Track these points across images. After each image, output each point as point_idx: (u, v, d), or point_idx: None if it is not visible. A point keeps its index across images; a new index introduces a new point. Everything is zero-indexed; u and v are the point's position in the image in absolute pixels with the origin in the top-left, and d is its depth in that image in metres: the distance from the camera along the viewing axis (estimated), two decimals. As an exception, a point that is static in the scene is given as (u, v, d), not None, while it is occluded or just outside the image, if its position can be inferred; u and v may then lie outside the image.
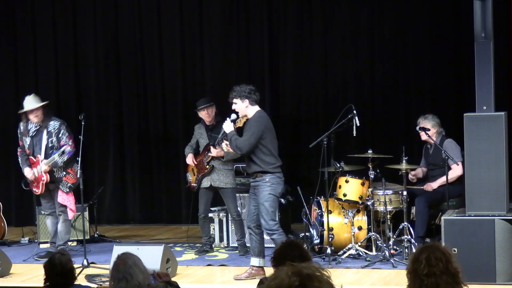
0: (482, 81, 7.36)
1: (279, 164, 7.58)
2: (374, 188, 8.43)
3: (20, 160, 8.88)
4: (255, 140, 7.44)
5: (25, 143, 8.78)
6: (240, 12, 10.81)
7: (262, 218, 7.50)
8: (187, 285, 7.43)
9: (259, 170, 7.50)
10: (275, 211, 7.56)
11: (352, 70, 10.48)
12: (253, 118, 7.55)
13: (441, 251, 3.55)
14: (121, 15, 11.24)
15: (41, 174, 8.66)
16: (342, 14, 10.46)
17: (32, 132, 8.71)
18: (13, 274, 8.12)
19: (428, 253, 3.53)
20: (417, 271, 3.51)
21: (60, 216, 8.79)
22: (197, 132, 9.09)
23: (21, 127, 8.82)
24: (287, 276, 2.56)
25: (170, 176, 11.16)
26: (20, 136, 8.84)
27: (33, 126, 8.70)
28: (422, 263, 3.51)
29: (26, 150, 8.79)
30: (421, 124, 8.73)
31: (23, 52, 11.48)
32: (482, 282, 6.99)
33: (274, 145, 7.59)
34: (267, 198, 7.46)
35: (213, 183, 8.86)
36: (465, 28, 9.16)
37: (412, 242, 8.07)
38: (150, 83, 11.22)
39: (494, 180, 7.25)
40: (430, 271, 3.48)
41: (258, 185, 7.55)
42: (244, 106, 7.55)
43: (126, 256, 4.59)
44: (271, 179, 7.48)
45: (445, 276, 3.48)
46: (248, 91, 7.52)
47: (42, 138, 8.68)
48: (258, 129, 7.45)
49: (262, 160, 7.47)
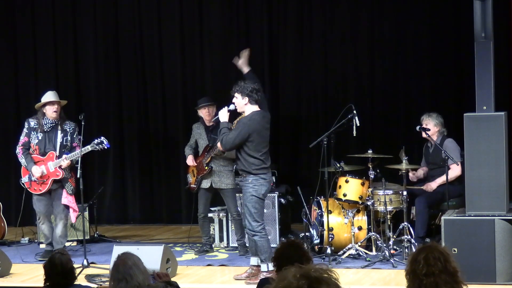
0: (482, 81, 7.36)
1: (264, 166, 7.49)
2: (374, 188, 8.43)
3: (23, 159, 8.67)
4: (239, 141, 7.42)
5: (33, 139, 8.65)
6: (240, 12, 10.81)
7: (245, 219, 7.51)
8: (187, 285, 7.43)
9: (243, 169, 7.50)
10: (258, 213, 7.48)
11: (352, 70, 10.48)
12: (245, 118, 7.51)
13: (439, 251, 3.55)
14: (121, 15, 11.24)
15: (55, 169, 8.57)
16: (342, 14, 10.46)
17: (47, 127, 8.65)
18: (13, 274, 8.11)
19: (426, 253, 3.53)
20: (416, 271, 3.50)
21: (61, 220, 8.64)
22: (196, 132, 9.08)
23: (32, 122, 8.69)
24: (295, 278, 2.54)
25: (170, 176, 11.16)
26: (29, 131, 8.69)
27: (49, 122, 8.65)
28: (420, 263, 3.51)
29: (32, 147, 8.66)
30: (424, 121, 8.73)
31: (23, 52, 11.48)
32: (482, 282, 6.99)
33: (261, 148, 7.48)
34: (249, 199, 7.44)
35: (214, 185, 8.86)
36: (465, 28, 9.16)
37: (412, 242, 8.07)
38: (150, 83, 11.22)
39: (494, 180, 7.25)
40: (429, 270, 3.48)
41: (242, 185, 7.58)
42: (243, 103, 7.53)
43: (126, 257, 4.59)
44: (253, 180, 7.44)
45: (444, 275, 3.47)
46: (250, 89, 7.49)
47: (57, 136, 8.64)
48: (244, 132, 7.41)
49: (246, 160, 7.45)
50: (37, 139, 8.66)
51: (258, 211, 7.48)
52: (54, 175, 8.61)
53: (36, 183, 8.66)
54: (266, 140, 7.60)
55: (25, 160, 8.68)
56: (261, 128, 7.51)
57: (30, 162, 8.65)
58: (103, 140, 8.54)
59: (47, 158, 8.63)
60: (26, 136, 8.71)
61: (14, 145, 8.82)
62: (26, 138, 8.71)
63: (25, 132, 8.73)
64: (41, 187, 8.67)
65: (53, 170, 8.60)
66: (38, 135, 8.66)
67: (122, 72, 11.28)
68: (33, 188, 8.71)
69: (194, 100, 9.33)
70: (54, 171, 8.60)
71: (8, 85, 11.48)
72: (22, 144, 8.73)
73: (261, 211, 7.54)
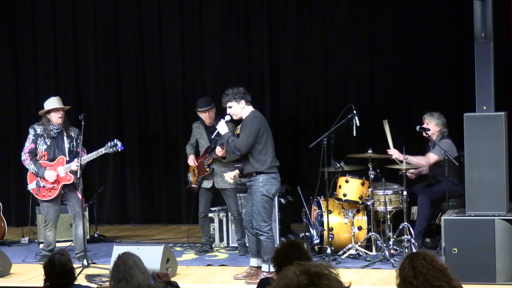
0: (482, 81, 7.36)
1: (275, 164, 7.53)
2: (374, 188, 8.43)
3: (32, 165, 8.54)
4: (252, 139, 7.43)
5: (40, 146, 8.58)
6: (240, 12, 10.81)
7: (254, 218, 7.50)
8: (187, 285, 7.43)
9: (253, 170, 7.49)
10: (267, 212, 7.49)
11: (352, 70, 10.47)
12: (248, 118, 7.53)
13: (423, 254, 3.58)
14: (121, 15, 11.24)
15: (66, 174, 8.54)
16: (342, 14, 10.46)
17: (54, 133, 8.60)
18: (13, 274, 8.12)
19: (410, 258, 3.56)
20: (406, 278, 3.52)
21: (80, 219, 8.53)
22: (196, 131, 9.08)
23: (38, 129, 8.59)
24: (295, 275, 2.55)
25: (170, 176, 11.16)
26: (35, 138, 8.59)
27: (55, 128, 8.61)
28: (406, 267, 3.53)
29: (40, 153, 8.59)
30: (425, 120, 8.75)
31: (23, 52, 11.48)
32: (482, 282, 6.99)
33: (270, 144, 7.54)
34: (260, 199, 7.44)
35: (217, 185, 8.86)
36: (465, 28, 9.17)
37: (412, 242, 8.07)
38: (150, 83, 11.22)
39: (494, 180, 7.25)
40: (416, 271, 3.49)
41: (252, 185, 7.56)
42: (241, 107, 7.54)
43: (126, 256, 4.59)
44: (264, 179, 7.45)
45: (432, 271, 3.48)
46: (243, 91, 7.54)
47: (63, 141, 8.62)
48: (254, 128, 7.43)
49: (257, 159, 7.45)
50: (45, 145, 8.59)
51: (268, 211, 7.49)
52: (65, 179, 8.57)
53: (45, 189, 8.58)
54: (272, 137, 7.62)
55: (34, 166, 8.57)
56: (266, 124, 7.58)
57: (40, 168, 8.56)
58: (117, 143, 8.53)
59: (56, 163, 8.59)
60: (33, 142, 8.60)
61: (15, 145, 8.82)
62: (33, 144, 8.59)
63: (32, 139, 8.61)
64: (50, 192, 8.59)
65: (63, 175, 8.57)
66: (46, 141, 8.59)
67: (122, 72, 11.28)
68: (42, 194, 8.60)
69: (194, 100, 9.30)
70: (65, 176, 8.57)
71: (8, 86, 11.47)
72: (28, 150, 8.60)
73: (270, 211, 7.56)
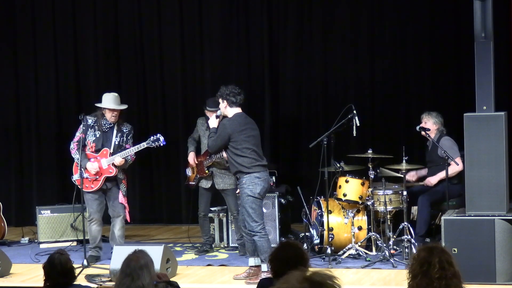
0: (482, 81, 7.35)
1: (258, 164, 7.49)
2: (374, 188, 8.43)
3: (77, 155, 8.53)
4: (220, 142, 7.53)
5: (90, 136, 8.58)
6: (240, 12, 10.81)
7: (244, 220, 7.52)
8: (187, 285, 7.43)
9: (236, 170, 7.53)
10: (256, 212, 7.46)
11: (352, 70, 10.48)
12: (225, 120, 7.64)
13: (448, 254, 3.61)
14: (121, 15, 11.24)
15: (109, 166, 8.55)
16: (342, 14, 10.46)
17: (106, 128, 8.61)
18: (13, 274, 8.11)
19: (439, 256, 3.58)
20: (429, 273, 3.54)
21: (118, 219, 8.55)
22: (200, 128, 9.05)
23: (90, 120, 8.61)
24: (298, 281, 2.55)
25: (170, 176, 11.16)
26: (86, 128, 8.58)
27: (107, 123, 8.62)
28: (436, 266, 3.56)
29: (88, 144, 8.58)
30: (423, 119, 8.75)
31: (23, 52, 11.48)
32: (482, 282, 6.99)
33: (248, 145, 7.48)
34: (246, 200, 7.43)
35: (217, 186, 8.85)
36: (465, 28, 9.16)
37: (412, 242, 8.07)
38: (150, 83, 11.22)
39: (494, 180, 7.25)
40: (443, 274, 3.53)
41: (239, 188, 7.60)
42: (223, 106, 7.64)
43: (141, 255, 4.58)
44: (247, 180, 7.44)
45: (455, 279, 3.54)
46: (228, 92, 7.58)
47: (112, 135, 8.63)
48: (224, 133, 7.50)
49: (235, 160, 7.49)
50: (95, 136, 8.61)
51: (256, 211, 7.46)
52: (107, 172, 8.58)
53: (88, 180, 8.58)
54: (255, 138, 7.58)
55: (79, 156, 8.55)
56: (242, 127, 7.52)
57: (84, 158, 8.57)
58: (160, 137, 8.52)
59: (100, 154, 8.60)
60: (83, 132, 8.60)
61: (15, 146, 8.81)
62: (83, 134, 8.60)
63: (82, 129, 8.60)
64: (92, 184, 8.59)
65: (106, 167, 8.57)
66: (96, 133, 8.62)
67: (122, 72, 11.28)
68: (85, 186, 8.58)
69: (194, 100, 9.33)
70: (107, 168, 8.56)
71: (8, 85, 11.47)
72: (77, 140, 8.61)
73: (259, 211, 7.51)
